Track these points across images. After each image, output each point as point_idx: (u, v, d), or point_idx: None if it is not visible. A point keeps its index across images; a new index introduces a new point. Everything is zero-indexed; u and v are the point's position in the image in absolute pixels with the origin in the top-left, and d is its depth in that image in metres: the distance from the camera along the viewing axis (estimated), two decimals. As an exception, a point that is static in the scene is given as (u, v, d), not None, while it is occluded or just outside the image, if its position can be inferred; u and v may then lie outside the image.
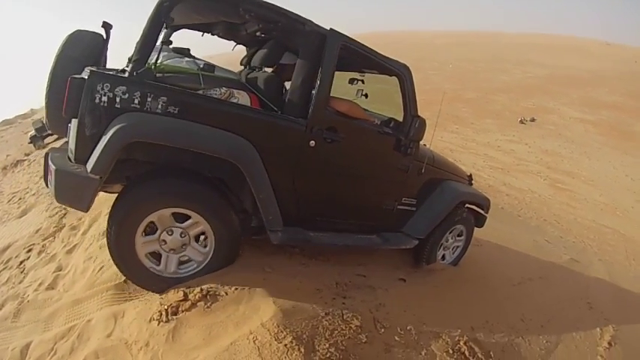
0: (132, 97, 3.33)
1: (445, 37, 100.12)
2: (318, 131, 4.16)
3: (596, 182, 27.32)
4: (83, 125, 3.27)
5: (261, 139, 3.81)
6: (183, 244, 3.88)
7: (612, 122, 42.36)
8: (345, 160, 4.54)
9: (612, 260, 15.82)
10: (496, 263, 8.02)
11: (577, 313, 7.52)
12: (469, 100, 45.96)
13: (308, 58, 4.06)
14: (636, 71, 67.66)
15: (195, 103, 3.61)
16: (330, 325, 3.40)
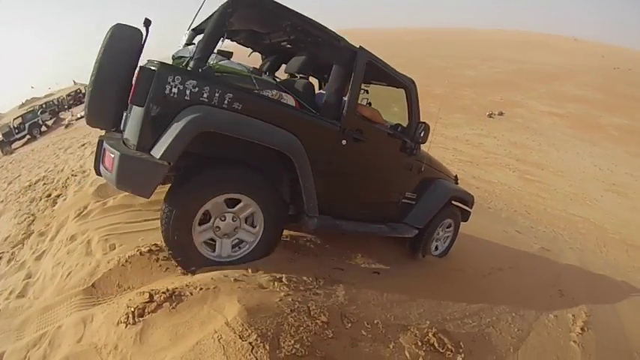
0: (201, 91, 3.59)
1: (414, 33, 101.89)
2: (349, 132, 4.69)
3: (565, 173, 28.00)
4: (150, 114, 3.44)
5: (306, 136, 4.21)
6: (235, 227, 4.14)
7: (580, 115, 43.27)
8: (366, 158, 5.13)
9: (583, 248, 16.26)
10: (468, 254, 8.01)
11: (549, 300, 7.50)
12: (438, 95, 46.22)
13: (341, 70, 4.58)
14: (603, 65, 70.01)
15: (256, 102, 3.97)
16: (295, 322, 3.33)
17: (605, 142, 35.47)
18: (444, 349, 4.05)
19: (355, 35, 46.46)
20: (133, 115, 3.63)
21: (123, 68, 3.93)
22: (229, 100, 3.73)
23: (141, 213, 5.60)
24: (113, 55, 3.96)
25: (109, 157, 3.46)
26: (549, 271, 10.25)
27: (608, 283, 12.10)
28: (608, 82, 58.55)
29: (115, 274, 4.13)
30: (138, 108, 3.51)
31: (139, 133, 3.48)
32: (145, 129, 3.48)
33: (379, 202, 5.71)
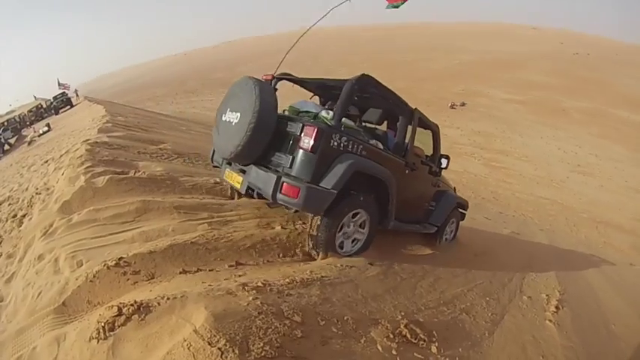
0: (347, 144, 5.04)
1: (373, 30, 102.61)
2: (409, 164, 6.42)
3: (530, 158, 28.60)
4: (320, 158, 4.79)
5: (391, 169, 5.73)
6: (354, 231, 5.60)
7: (541, 100, 44.21)
8: (415, 181, 6.86)
9: (553, 229, 16.53)
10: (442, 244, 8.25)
11: (521, 282, 7.55)
12: (399, 89, 44.08)
13: (405, 123, 6.31)
14: (562, 51, 71.99)
15: (370, 149, 5.47)
16: (263, 324, 3.38)
17: (568, 126, 36.40)
18: (416, 340, 4.10)
19: (316, 34, 46.78)
20: (305, 158, 4.81)
21: (273, 119, 5.12)
22: (360, 149, 5.24)
23: (106, 227, 5.55)
24: (267, 108, 5.03)
25: (294, 189, 4.66)
26: (521, 254, 10.39)
27: (581, 261, 12.28)
28: (568, 67, 60.40)
29: (84, 290, 4.15)
30: (311, 154, 4.77)
31: (313, 171, 4.79)
32: (317, 168, 4.81)
33: (417, 209, 7.44)
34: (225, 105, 5.53)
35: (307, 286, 4.41)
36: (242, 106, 5.11)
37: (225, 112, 5.45)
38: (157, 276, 4.35)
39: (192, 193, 6.96)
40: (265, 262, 5.17)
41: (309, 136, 4.74)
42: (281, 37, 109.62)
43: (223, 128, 5.43)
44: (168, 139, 11.26)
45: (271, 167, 5.14)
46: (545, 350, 4.96)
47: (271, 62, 25.02)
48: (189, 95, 50.60)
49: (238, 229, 5.52)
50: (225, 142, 5.31)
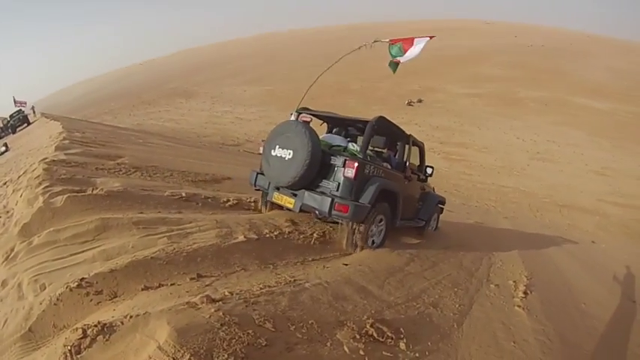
0: (374, 170, 6.66)
1: (328, 32, 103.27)
2: (407, 177, 7.93)
3: (489, 149, 29.28)
4: (358, 183, 6.31)
5: (397, 183, 7.33)
6: (378, 231, 6.96)
7: (497, 92, 45.14)
8: (410, 188, 8.33)
9: (517, 215, 17.01)
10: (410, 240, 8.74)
11: (488, 271, 7.64)
12: (355, 90, 47.62)
13: (403, 146, 7.95)
14: (516, 44, 73.87)
15: (385, 171, 7.05)
16: (227, 336, 3.36)
17: (525, 115, 37.16)
18: (384, 338, 4.10)
19: (267, 38, 47.52)
20: (349, 184, 6.28)
21: (320, 156, 6.39)
22: (380, 172, 6.83)
23: (66, 248, 5.40)
24: (317, 148, 6.30)
25: (344, 206, 6.09)
26: (486, 243, 10.58)
27: (547, 244, 12.53)
28: (523, 58, 61.76)
29: (49, 314, 4.07)
30: (353, 180, 6.25)
31: (354, 192, 6.30)
32: (356, 190, 6.31)
33: (411, 209, 8.74)
34: (274, 142, 6.68)
35: (274, 293, 4.41)
36: (294, 145, 6.37)
37: (275, 149, 6.63)
38: (119, 294, 4.29)
39: (151, 208, 6.83)
40: (229, 273, 5.05)
41: (351, 168, 6.23)
42: (237, 43, 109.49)
43: (275, 162, 6.60)
44: (125, 153, 11.03)
45: (320, 191, 6.51)
46: (516, 335, 4.98)
47: (228, 70, 24.41)
48: (146, 107, 49.70)
49: (198, 240, 5.44)
50: (279, 174, 6.53)
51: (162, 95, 55.29)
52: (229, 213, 7.31)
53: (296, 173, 6.26)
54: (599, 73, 53.89)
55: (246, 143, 30.30)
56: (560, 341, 5.09)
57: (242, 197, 8.35)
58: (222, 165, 13.34)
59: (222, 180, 10.14)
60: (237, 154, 22.43)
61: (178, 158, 12.46)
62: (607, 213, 21.14)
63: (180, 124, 37.82)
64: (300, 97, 8.74)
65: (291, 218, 7.08)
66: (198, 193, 8.05)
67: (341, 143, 7.19)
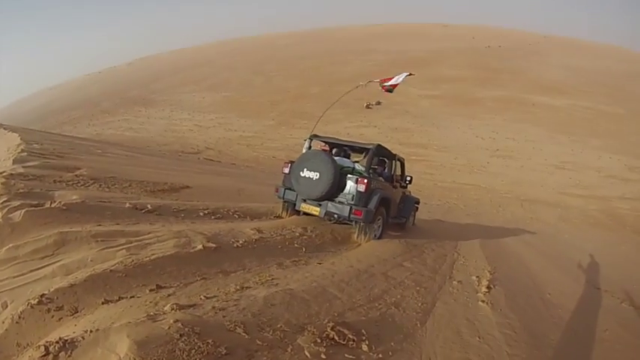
0: (377, 185, 8.65)
1: (286, 37, 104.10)
2: (394, 186, 10.07)
3: (449, 148, 29.82)
4: (367, 194, 8.17)
5: (388, 191, 9.28)
6: (377, 227, 8.74)
7: (455, 93, 45.90)
8: (396, 193, 10.22)
9: (479, 212, 17.33)
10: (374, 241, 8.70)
11: (451, 268, 7.69)
12: (314, 95, 47.61)
13: (391, 162, 10.09)
14: (474, 46, 75.12)
15: (382, 184, 9.11)
16: (186, 346, 3.34)
17: (483, 114, 37.95)
18: (345, 341, 4.06)
19: (224, 45, 47.82)
20: (361, 195, 8.09)
21: (339, 176, 8.10)
22: (379, 186, 8.74)
23: (26, 264, 5.26)
24: (337, 171, 8.01)
25: (359, 212, 7.87)
26: (449, 240, 10.61)
27: (509, 238, 12.86)
28: (481, 59, 62.86)
29: (12, 332, 3.97)
30: (365, 193, 8.10)
31: (365, 201, 8.12)
32: (366, 200, 8.15)
33: (397, 209, 10.39)
34: (302, 166, 8.31)
35: (232, 301, 4.38)
36: (320, 169, 8.12)
37: (303, 171, 8.26)
38: (80, 309, 4.19)
39: (109, 219, 6.67)
40: (188, 282, 4.98)
41: (362, 184, 8.10)
42: (196, 50, 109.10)
43: (304, 181, 8.25)
44: (84, 164, 10.76)
45: (338, 201, 8.32)
46: (481, 330, 4.97)
47: (187, 77, 24.15)
48: (105, 116, 48.96)
49: (157, 251, 5.36)
50: (309, 190, 8.25)
51: (121, 104, 54.62)
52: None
53: (323, 189, 8.11)
54: (555, 72, 55.29)
55: (206, 151, 30.23)
56: (525, 333, 5.09)
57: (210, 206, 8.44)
58: (182, 174, 13.21)
59: (181, 189, 9.98)
60: (196, 162, 22.21)
61: (137, 168, 12.29)
62: (569, 205, 21.88)
63: (140, 132, 37.50)
64: (258, 102, 10.36)
65: (258, 227, 7.17)
66: (156, 202, 7.91)
67: (349, 165, 8.91)
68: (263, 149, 30.93)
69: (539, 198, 21.98)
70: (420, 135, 31.64)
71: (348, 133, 31.60)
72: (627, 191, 24.28)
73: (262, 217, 8.96)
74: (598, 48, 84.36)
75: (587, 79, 52.13)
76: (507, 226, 14.47)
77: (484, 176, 23.82)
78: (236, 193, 11.12)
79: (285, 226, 7.89)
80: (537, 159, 27.83)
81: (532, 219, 17.76)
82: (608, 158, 28.43)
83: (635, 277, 10.69)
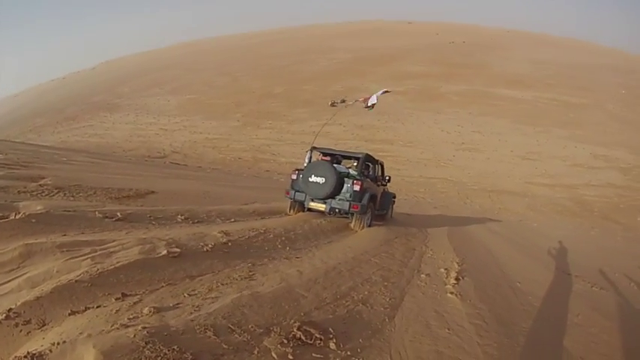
0: (366, 184, 10.25)
1: (252, 37, 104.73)
2: (379, 184, 11.80)
3: (415, 143, 30.33)
4: (361, 192, 9.85)
5: (374, 189, 10.95)
6: (368, 217, 10.28)
7: (420, 89, 46.48)
8: (379, 190, 11.67)
9: (447, 204, 17.66)
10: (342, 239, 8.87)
11: (419, 262, 7.68)
12: (279, 94, 47.88)
13: (375, 166, 11.80)
14: (439, 42, 76.51)
15: (370, 184, 10.67)
16: (152, 353, 3.32)
17: (448, 108, 38.57)
18: (312, 340, 4.04)
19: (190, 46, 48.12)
20: (356, 194, 9.77)
21: (340, 179, 9.81)
22: (368, 186, 10.29)
23: None
24: (339, 177, 9.74)
25: (356, 206, 9.63)
26: (417, 234, 10.86)
27: (477, 229, 13.21)
28: (445, 55, 64.07)
29: None
30: (359, 192, 9.76)
31: (360, 198, 9.78)
32: (360, 197, 9.79)
33: (378, 203, 11.46)
34: (310, 172, 9.93)
35: (197, 306, 4.34)
36: (325, 175, 9.81)
37: (311, 177, 9.87)
38: (47, 322, 4.07)
39: (74, 229, 6.53)
40: (154, 289, 4.88)
41: (357, 184, 9.75)
42: (160, 52, 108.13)
43: (312, 185, 9.85)
44: (48, 173, 10.57)
45: (339, 199, 9.94)
46: (451, 322, 4.97)
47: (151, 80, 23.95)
48: (70, 123, 48.01)
49: (122, 258, 5.24)
50: (317, 191, 9.88)
51: (86, 110, 53.74)
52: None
53: (328, 191, 9.84)
54: (519, 65, 56.63)
55: (172, 154, 29.98)
56: (496, 322, 5.10)
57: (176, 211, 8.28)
58: (148, 179, 13.12)
59: (146, 194, 9.81)
60: (163, 167, 22.00)
61: (102, 175, 12.12)
62: (536, 194, 22.51)
63: (105, 138, 36.94)
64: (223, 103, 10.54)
65: (226, 230, 7.05)
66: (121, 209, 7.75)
67: (345, 170, 10.72)
68: (229, 151, 30.91)
69: (507, 188, 22.50)
70: (386, 131, 32.06)
71: (314, 131, 30.94)
72: (593, 178, 25.10)
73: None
74: (562, 42, 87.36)
75: (551, 72, 53.61)
76: (475, 218, 14.74)
77: (451, 169, 24.21)
78: (202, 197, 11.00)
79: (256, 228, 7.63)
80: (503, 150, 28.47)
81: (500, 209, 18.12)
82: (574, 147, 29.26)
83: (605, 261, 10.89)
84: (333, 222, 10.05)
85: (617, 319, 6.37)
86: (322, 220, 9.93)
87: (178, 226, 7.41)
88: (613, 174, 25.87)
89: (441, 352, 4.32)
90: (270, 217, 9.59)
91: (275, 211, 10.45)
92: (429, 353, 4.29)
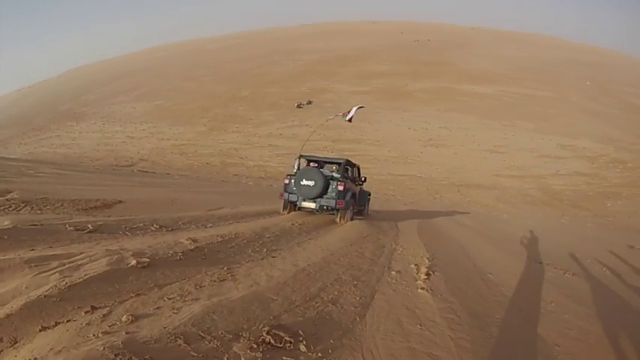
0: (350, 185, 12.14)
1: (218, 41, 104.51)
2: (357, 184, 13.35)
3: (382, 142, 30.83)
4: (345, 191, 11.44)
5: (354, 187, 12.75)
6: (351, 212, 12.06)
7: (386, 87, 46.99)
8: (357, 189, 13.08)
9: (416, 200, 17.94)
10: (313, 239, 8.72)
11: (390, 259, 7.60)
12: (245, 97, 47.83)
13: (353, 169, 13.27)
14: (404, 41, 77.52)
15: (351, 185, 12.41)
16: None
17: (415, 106, 39.05)
18: (282, 344, 4.02)
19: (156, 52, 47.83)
20: (341, 192, 11.31)
21: (327, 182, 11.34)
22: (349, 186, 11.96)
23: None
24: (327, 180, 11.26)
25: (341, 202, 11.26)
26: (389, 231, 10.93)
27: (448, 224, 13.58)
28: (410, 53, 65.02)
29: None
30: (343, 191, 11.32)
31: (344, 196, 11.33)
32: (344, 195, 11.37)
33: (357, 200, 12.91)
34: (302, 177, 11.29)
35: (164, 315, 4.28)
36: (314, 179, 11.14)
37: (302, 180, 11.23)
38: (19, 339, 3.97)
39: (42, 243, 6.41)
40: (122, 300, 4.77)
41: (341, 185, 11.18)
42: (126, 59, 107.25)
43: (304, 187, 11.24)
44: (15, 187, 10.42)
45: (327, 198, 11.27)
46: (422, 318, 4.96)
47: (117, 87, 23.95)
48: (37, 133, 47.29)
49: (89, 271, 5.13)
50: (308, 193, 11.24)
51: (52, 119, 52.99)
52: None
53: (317, 192, 11.25)
54: (484, 61, 57.88)
55: (140, 162, 29.76)
56: (468, 315, 5.10)
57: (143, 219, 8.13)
58: (116, 188, 13.03)
59: (114, 204, 9.68)
60: (131, 175, 21.83)
61: (70, 186, 11.96)
62: (505, 186, 23.04)
63: (72, 148, 36.44)
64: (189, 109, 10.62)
65: (194, 237, 6.97)
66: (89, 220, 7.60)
67: (329, 174, 11.98)
68: (196, 156, 30.86)
69: (476, 182, 22.92)
70: (353, 131, 32.20)
71: (281, 134, 32.14)
72: (561, 168, 25.93)
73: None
74: (526, 37, 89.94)
75: (515, 67, 54.98)
76: (445, 212, 15.10)
77: (419, 166, 24.61)
78: (170, 204, 10.86)
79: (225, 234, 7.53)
80: (470, 145, 29.01)
81: (470, 203, 18.45)
82: (541, 139, 30.11)
83: (576, 248, 11.07)
84: (302, 225, 10.01)
85: (590, 304, 6.42)
86: (292, 223, 9.87)
87: (147, 236, 7.28)
88: (580, 163, 26.69)
89: (413, 349, 4.28)
90: (239, 222, 9.28)
91: (243, 216, 10.04)
92: (401, 350, 4.25)
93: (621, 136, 31.44)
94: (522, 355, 4.53)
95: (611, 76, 55.66)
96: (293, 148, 27.33)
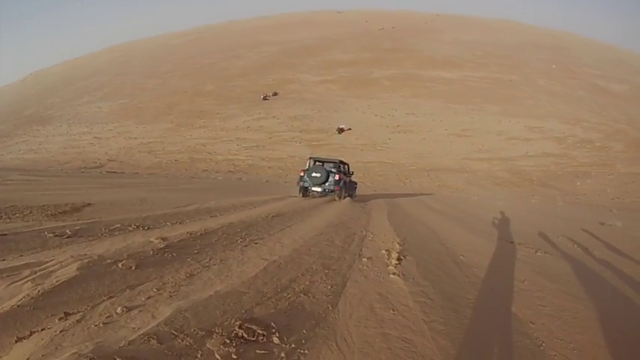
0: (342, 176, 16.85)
1: (178, 37, 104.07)
2: (348, 175, 18.48)
3: (349, 130, 31.18)
4: (339, 179, 16.48)
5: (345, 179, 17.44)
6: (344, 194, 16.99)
7: (351, 76, 47.31)
8: (347, 179, 17.60)
9: (386, 187, 18.71)
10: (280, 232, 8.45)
11: (360, 246, 7.54)
12: (209, 92, 47.79)
13: (344, 165, 18.16)
14: (368, 29, 78.02)
15: (343, 176, 17.21)
16: None
17: (380, 93, 39.59)
18: (254, 337, 3.98)
19: (117, 50, 48.73)
20: (337, 181, 16.41)
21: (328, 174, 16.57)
22: (342, 177, 16.84)
23: None
24: (328, 173, 16.38)
25: (337, 188, 16.37)
26: (357, 220, 10.57)
27: (418, 208, 14.11)
28: (374, 42, 65.60)
29: None
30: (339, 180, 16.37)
31: (340, 183, 16.34)
32: (338, 182, 16.37)
33: (346, 187, 16.55)
34: (312, 171, 16.00)
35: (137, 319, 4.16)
36: (320, 172, 16.01)
37: (312, 173, 15.95)
38: None
39: (12, 252, 6.24)
40: (95, 304, 4.66)
41: (337, 176, 16.05)
42: (88, 58, 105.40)
43: (314, 177, 15.85)
44: None
45: (328, 184, 16.00)
46: (395, 303, 4.95)
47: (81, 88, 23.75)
48: (3, 140, 46.48)
49: (61, 277, 5.05)
50: (316, 181, 15.85)
51: (18, 124, 52.14)
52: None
53: (322, 181, 15.16)
54: (448, 47, 58.83)
55: (108, 163, 29.55)
56: (441, 297, 5.12)
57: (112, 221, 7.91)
58: (84, 191, 12.82)
59: (82, 207, 9.49)
60: (99, 177, 21.73)
61: (38, 192, 11.77)
62: (474, 169, 23.50)
63: (40, 153, 35.95)
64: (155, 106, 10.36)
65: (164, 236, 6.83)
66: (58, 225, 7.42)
67: (330, 169, 15.83)
68: (165, 154, 30.80)
69: (444, 166, 23.38)
70: (320, 120, 32.71)
71: (249, 127, 32.36)
72: (530, 149, 26.66)
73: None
74: (491, 23, 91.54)
75: (480, 52, 56.19)
76: (414, 196, 15.82)
77: (387, 152, 25.07)
78: (139, 204, 10.67)
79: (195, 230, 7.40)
80: (438, 130, 29.57)
81: (440, 186, 19.04)
82: (508, 122, 30.96)
83: (547, 226, 11.27)
84: (268, 217, 9.61)
85: (562, 281, 6.48)
86: (263, 216, 9.56)
87: (116, 237, 7.08)
88: (548, 144, 27.52)
89: (387, 334, 4.26)
90: (208, 219, 9.04)
91: (212, 212, 9.76)
92: (375, 337, 4.23)
93: (588, 117, 32.46)
94: (497, 335, 4.48)
95: (575, 58, 57.50)
96: (261, 141, 27.94)
